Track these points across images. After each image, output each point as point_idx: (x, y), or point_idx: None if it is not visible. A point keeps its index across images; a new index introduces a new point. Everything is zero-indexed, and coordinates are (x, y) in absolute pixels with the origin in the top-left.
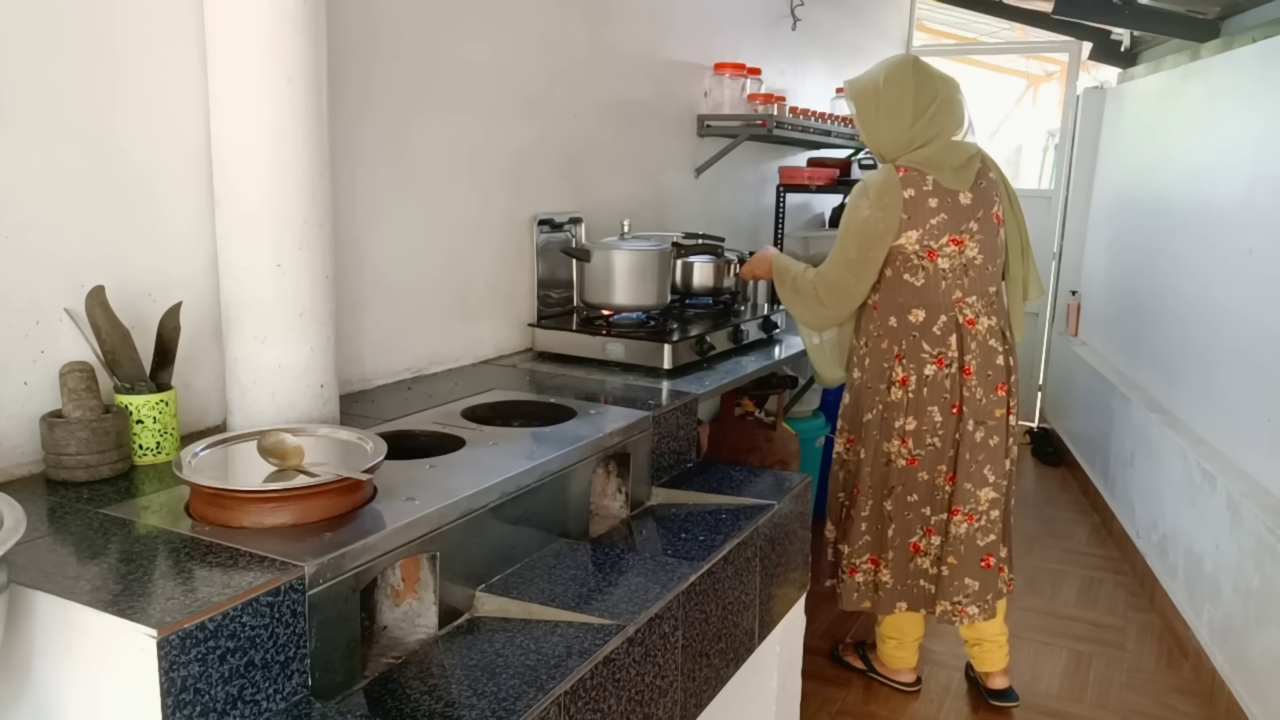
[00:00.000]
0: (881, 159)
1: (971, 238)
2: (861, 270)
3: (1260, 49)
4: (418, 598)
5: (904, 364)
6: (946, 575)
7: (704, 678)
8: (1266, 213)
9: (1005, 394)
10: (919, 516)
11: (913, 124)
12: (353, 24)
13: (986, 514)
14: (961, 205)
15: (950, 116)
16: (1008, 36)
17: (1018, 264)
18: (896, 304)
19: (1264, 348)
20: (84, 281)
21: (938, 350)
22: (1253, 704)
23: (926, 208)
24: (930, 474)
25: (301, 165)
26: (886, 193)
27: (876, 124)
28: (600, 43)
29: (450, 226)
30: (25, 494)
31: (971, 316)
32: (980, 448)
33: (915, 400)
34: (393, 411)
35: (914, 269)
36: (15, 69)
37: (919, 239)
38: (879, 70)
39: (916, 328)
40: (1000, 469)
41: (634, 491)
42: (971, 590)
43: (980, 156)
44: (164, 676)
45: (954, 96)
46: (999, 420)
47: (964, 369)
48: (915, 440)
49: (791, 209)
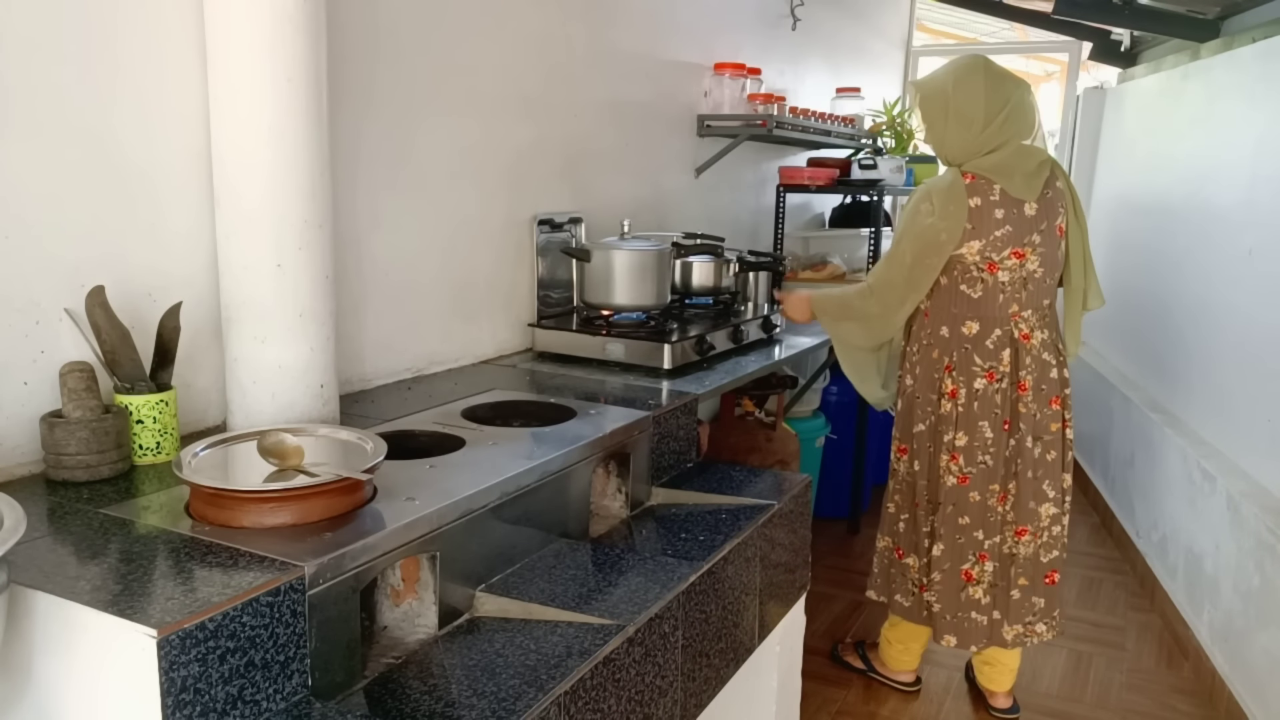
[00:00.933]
0: (946, 163)
1: (1034, 250)
2: (915, 277)
3: (1260, 49)
4: (418, 598)
5: (954, 376)
6: (1017, 598)
7: (704, 678)
8: (1266, 213)
9: (1060, 408)
10: (971, 541)
11: (983, 129)
12: (353, 24)
13: (1048, 530)
14: (1026, 217)
15: (1022, 121)
16: (1008, 36)
17: (1079, 275)
18: (950, 314)
19: (1264, 348)
20: (84, 281)
21: (989, 364)
22: (1253, 704)
23: (992, 219)
24: (982, 494)
25: (301, 165)
26: (952, 200)
27: (945, 129)
28: (600, 43)
29: (450, 226)
30: (25, 494)
31: (1027, 331)
32: (1039, 463)
33: (965, 414)
34: (393, 411)
35: (972, 280)
36: (18, 69)
37: (981, 250)
38: (948, 73)
39: (969, 340)
40: (1058, 484)
41: (634, 491)
42: (1039, 608)
43: (1050, 163)
44: (164, 676)
45: (1026, 100)
46: (1055, 435)
47: (1019, 384)
48: (966, 457)
49: (791, 209)
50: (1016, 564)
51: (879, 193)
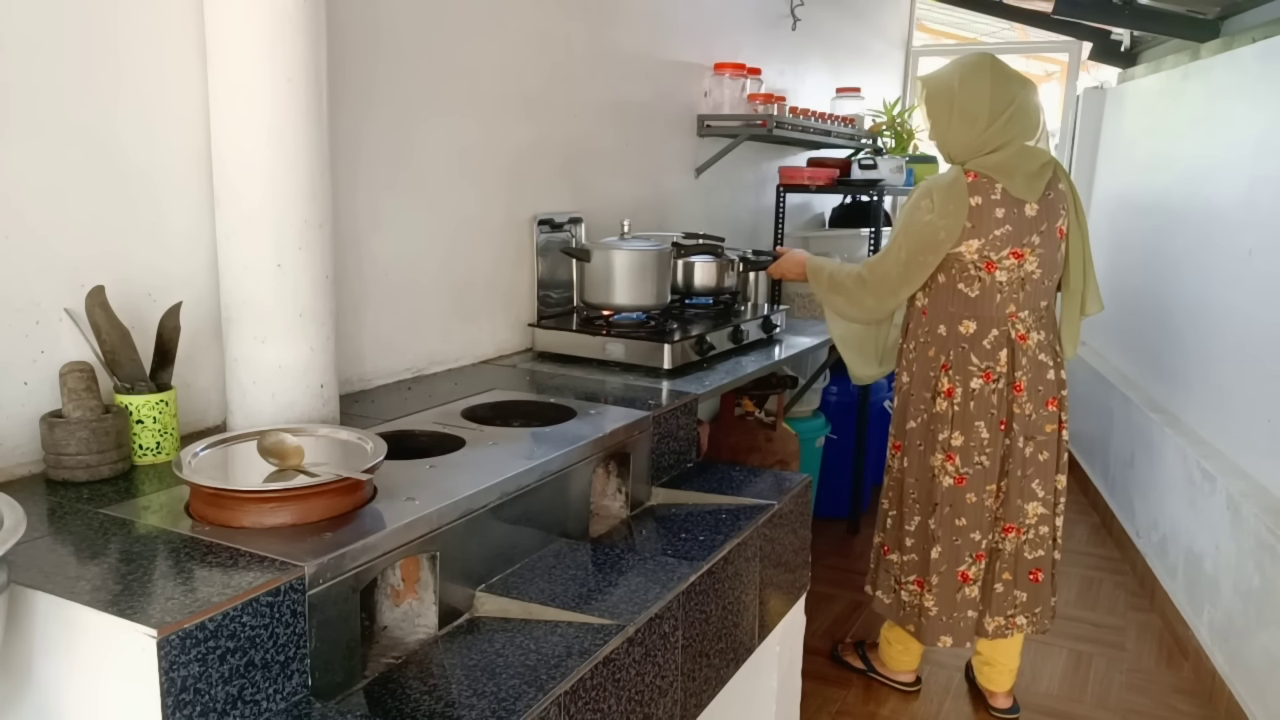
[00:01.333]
0: (949, 160)
1: (1032, 251)
2: (909, 273)
3: (1260, 49)
4: (418, 598)
5: (950, 375)
6: (1000, 592)
7: (704, 678)
8: (1266, 213)
9: (1056, 409)
10: (968, 543)
11: (987, 127)
12: (353, 24)
13: (1035, 528)
14: (1026, 217)
15: (1026, 121)
16: (1008, 36)
17: (1079, 278)
18: (947, 313)
19: (1264, 348)
20: (84, 281)
21: (986, 364)
22: (1253, 704)
23: (992, 218)
24: (978, 495)
25: (301, 165)
26: (952, 199)
27: (949, 126)
28: (600, 43)
29: (450, 226)
30: (25, 494)
31: (1023, 331)
32: (1029, 463)
33: (961, 414)
34: (393, 411)
35: (970, 279)
36: (18, 68)
37: (980, 249)
38: (954, 69)
39: (966, 339)
40: (1049, 485)
41: (634, 491)
42: (1020, 601)
43: (1053, 165)
44: (164, 676)
45: (1031, 100)
46: (1049, 436)
47: (1014, 385)
48: (963, 458)
49: (791, 209)
50: (1001, 559)
51: (879, 193)
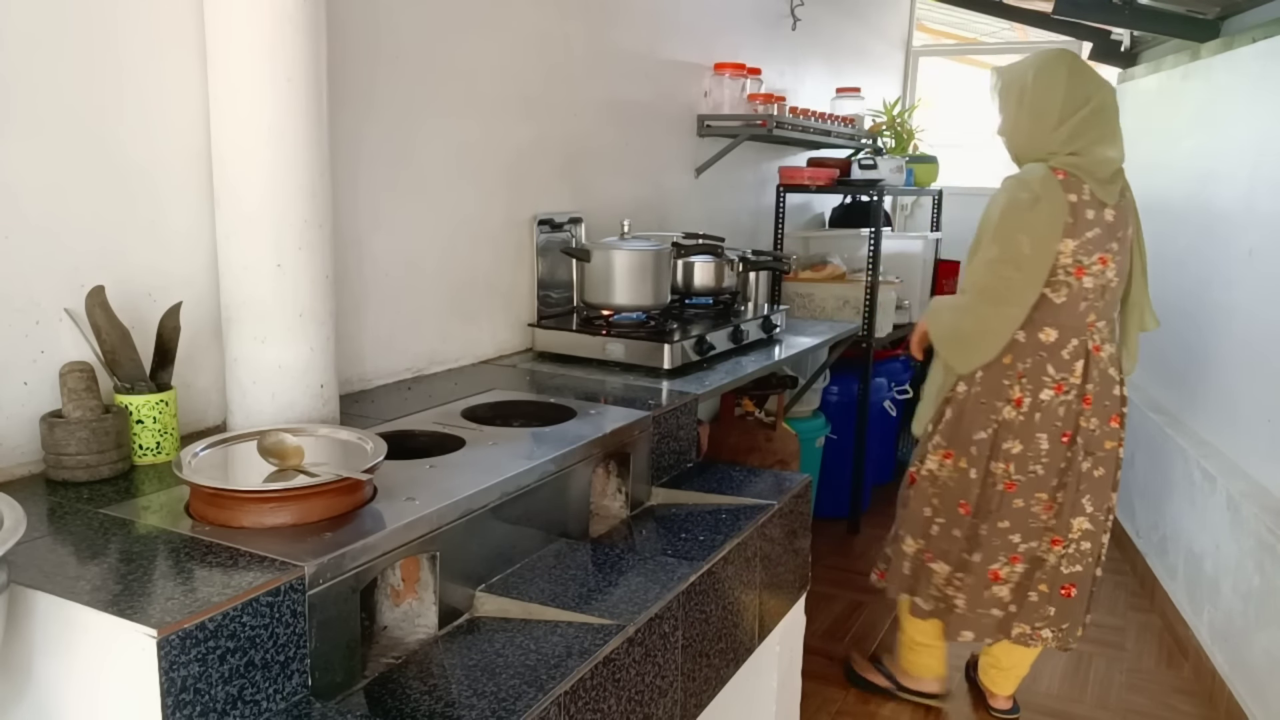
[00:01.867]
0: (1015, 161)
1: (1113, 258)
2: (1033, 267)
3: (1260, 49)
4: (418, 598)
5: (1023, 384)
6: (1034, 601)
7: (704, 678)
8: (1266, 213)
9: (1118, 426)
10: (1006, 544)
11: (1057, 126)
12: (354, 24)
13: (1077, 543)
14: (1108, 221)
15: (1104, 125)
16: (1008, 36)
17: (1140, 291)
18: (1029, 318)
19: (1265, 348)
20: (84, 281)
21: (1061, 375)
22: (1253, 704)
23: (1084, 218)
24: (1026, 501)
25: (301, 165)
26: (1051, 190)
27: (1018, 120)
28: (600, 42)
29: (450, 226)
30: (25, 494)
31: (1099, 342)
32: (1085, 478)
33: (1025, 424)
34: (393, 411)
35: (1057, 284)
36: (18, 68)
37: (1074, 251)
38: (1030, 62)
39: (1045, 348)
40: (1100, 502)
41: (634, 491)
42: (1049, 615)
43: (1123, 173)
44: (164, 676)
45: (1109, 103)
46: (1108, 452)
47: (1084, 398)
48: (1018, 465)
49: (791, 209)
50: (1043, 570)
51: (879, 193)
